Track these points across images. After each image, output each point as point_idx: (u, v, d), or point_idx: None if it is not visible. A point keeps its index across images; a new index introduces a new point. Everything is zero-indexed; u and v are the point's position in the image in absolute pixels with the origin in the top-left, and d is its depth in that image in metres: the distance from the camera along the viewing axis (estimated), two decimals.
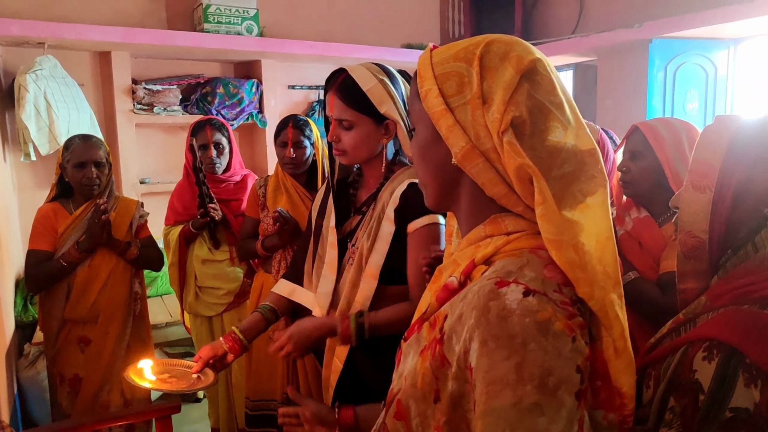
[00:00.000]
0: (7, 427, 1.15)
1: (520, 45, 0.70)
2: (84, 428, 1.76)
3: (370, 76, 1.34)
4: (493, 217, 0.72)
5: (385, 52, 3.99)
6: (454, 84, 0.69)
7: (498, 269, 0.65)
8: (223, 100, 3.61)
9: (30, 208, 2.62)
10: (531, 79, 0.67)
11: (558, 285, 0.63)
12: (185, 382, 1.31)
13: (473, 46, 0.70)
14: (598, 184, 0.67)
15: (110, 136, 3.35)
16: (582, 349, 0.59)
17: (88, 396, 2.15)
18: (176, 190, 2.53)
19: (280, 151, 2.22)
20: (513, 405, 0.56)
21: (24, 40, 2.99)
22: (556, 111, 0.67)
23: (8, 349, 2.54)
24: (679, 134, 1.60)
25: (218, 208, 2.35)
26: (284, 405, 2.16)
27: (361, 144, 1.37)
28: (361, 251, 1.40)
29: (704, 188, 0.84)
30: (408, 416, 0.69)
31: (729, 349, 0.72)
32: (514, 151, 0.64)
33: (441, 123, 0.69)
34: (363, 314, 1.35)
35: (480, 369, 0.59)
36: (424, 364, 0.67)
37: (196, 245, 2.44)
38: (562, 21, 4.11)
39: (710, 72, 3.50)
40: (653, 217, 1.66)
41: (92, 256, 2.13)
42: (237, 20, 3.49)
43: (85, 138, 2.15)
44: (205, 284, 2.44)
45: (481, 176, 0.69)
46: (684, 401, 0.74)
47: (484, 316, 0.60)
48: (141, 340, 2.32)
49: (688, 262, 0.87)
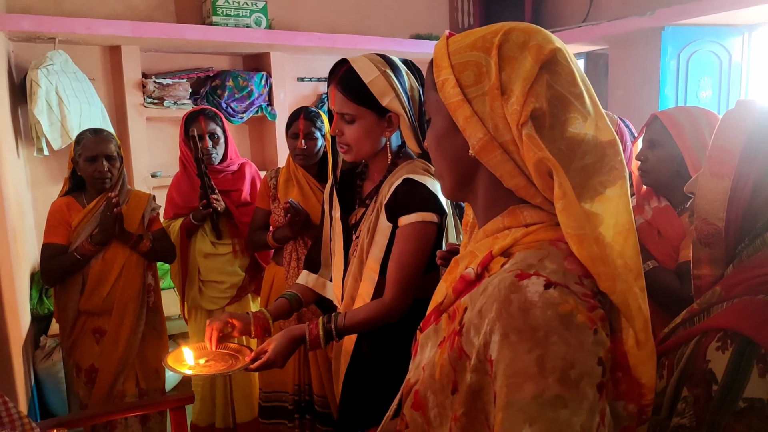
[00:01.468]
0: (24, 417, 1.17)
1: (540, 33, 0.68)
2: (100, 418, 1.79)
3: (372, 68, 1.32)
4: (512, 208, 0.71)
5: (394, 42, 3.97)
6: (471, 74, 0.67)
7: (518, 261, 0.65)
8: (233, 93, 3.61)
9: (44, 202, 2.65)
10: (551, 70, 0.66)
11: (579, 277, 0.62)
12: (223, 363, 1.31)
13: (491, 34, 0.68)
14: (618, 176, 0.66)
15: (121, 130, 3.37)
16: (603, 341, 0.59)
17: (104, 386, 2.18)
18: (174, 183, 2.52)
19: (291, 143, 2.22)
20: (534, 397, 0.55)
21: (35, 36, 3.01)
22: (576, 102, 0.66)
23: (25, 341, 2.58)
24: (699, 122, 1.58)
25: (220, 199, 2.34)
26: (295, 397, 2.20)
27: (363, 138, 1.35)
28: (362, 244, 1.40)
29: (723, 175, 0.83)
30: (426, 407, 0.69)
31: (743, 339, 0.72)
32: (534, 145, 0.63)
33: (458, 114, 0.68)
34: (331, 319, 1.35)
35: (501, 361, 0.58)
36: (443, 356, 0.67)
37: (198, 239, 2.43)
38: (573, 9, 4.06)
39: (724, 59, 3.45)
40: (673, 206, 1.64)
41: (106, 249, 2.15)
42: (246, 13, 3.49)
43: (95, 132, 2.17)
44: (209, 278, 2.44)
45: (498, 168, 0.68)
46: (697, 391, 0.74)
47: (506, 309, 0.60)
48: (155, 331, 2.34)
49: (703, 249, 0.87)
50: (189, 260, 2.44)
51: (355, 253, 1.43)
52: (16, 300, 2.48)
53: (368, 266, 1.38)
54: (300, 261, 2.20)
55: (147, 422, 2.29)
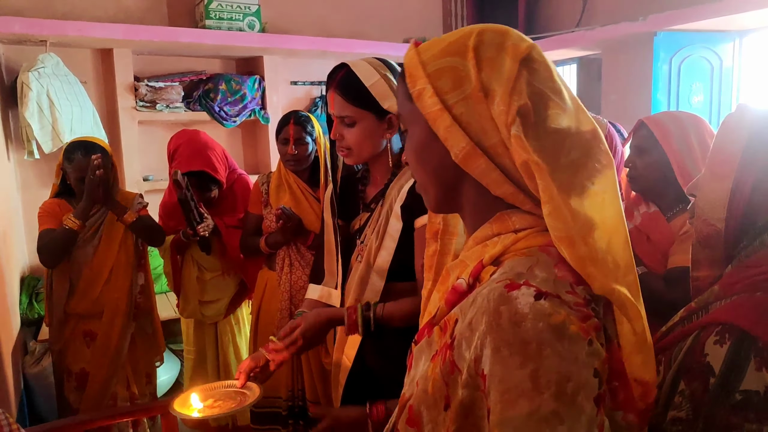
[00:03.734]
0: (14, 423, 1.15)
1: (513, 33, 0.68)
2: (91, 424, 1.77)
3: (373, 72, 1.32)
4: (500, 214, 0.69)
5: (388, 47, 3.97)
6: (449, 80, 0.66)
7: (507, 271, 0.63)
8: (226, 97, 3.60)
9: (33, 205, 2.62)
10: (529, 67, 0.65)
11: (570, 284, 0.61)
12: (232, 401, 1.27)
13: (463, 38, 0.68)
14: (604, 167, 0.66)
15: (113, 134, 3.35)
16: (599, 351, 0.57)
17: (95, 390, 2.16)
18: (163, 206, 2.52)
19: (281, 148, 2.21)
20: (530, 414, 0.54)
21: (26, 38, 2.99)
22: (555, 97, 0.66)
23: (14, 346, 2.55)
24: (686, 127, 1.59)
25: (209, 225, 2.33)
26: (289, 402, 2.19)
27: (364, 140, 1.34)
28: (370, 248, 1.39)
29: (723, 177, 0.83)
30: (420, 423, 0.67)
31: (741, 332, 0.72)
32: (521, 146, 0.62)
33: (438, 123, 0.67)
34: (370, 306, 1.34)
35: (494, 377, 0.56)
36: (435, 370, 0.65)
37: (190, 266, 2.46)
38: (566, 14, 4.08)
39: (716, 65, 3.47)
40: (662, 211, 1.65)
41: (95, 249, 2.13)
42: (239, 16, 3.48)
43: (87, 151, 2.09)
44: (205, 298, 2.47)
45: (484, 177, 0.67)
46: (694, 384, 0.74)
47: (496, 322, 0.58)
48: (147, 334, 2.32)
49: (703, 250, 0.86)
50: (182, 278, 2.47)
51: (360, 258, 1.42)
52: (6, 304, 2.45)
53: (375, 270, 1.37)
54: (293, 266, 2.20)
55: (138, 427, 2.27)
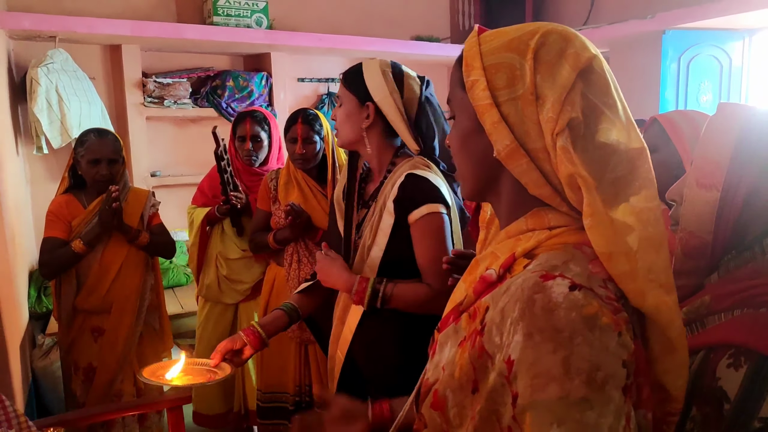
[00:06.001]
0: (22, 416, 1.17)
1: (578, 40, 0.67)
2: (98, 417, 1.78)
3: (376, 67, 1.40)
4: (536, 210, 0.70)
5: (395, 44, 3.96)
6: (504, 77, 0.66)
7: (542, 262, 0.64)
8: (233, 93, 3.61)
9: (42, 200, 2.64)
10: (586, 78, 0.65)
11: (603, 280, 0.62)
12: (201, 376, 1.30)
13: (528, 35, 0.67)
14: (647, 186, 0.65)
15: (121, 130, 3.36)
16: (628, 344, 0.58)
17: (102, 385, 2.17)
18: (209, 174, 2.58)
19: (290, 147, 2.22)
20: (560, 399, 0.55)
21: (35, 34, 3.00)
22: (608, 112, 0.65)
23: (23, 339, 2.57)
24: (698, 126, 1.57)
25: (241, 196, 2.38)
26: (296, 397, 2.19)
27: (345, 121, 1.43)
28: (364, 243, 1.41)
29: (710, 187, 0.80)
30: (445, 406, 0.68)
31: (759, 356, 0.70)
32: (567, 159, 0.62)
33: (486, 117, 0.67)
34: (383, 281, 1.36)
35: (524, 361, 0.58)
36: (464, 355, 0.66)
37: (227, 243, 2.48)
38: (574, 12, 4.07)
39: (725, 63, 3.45)
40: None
41: (105, 247, 2.15)
42: (246, 13, 3.48)
43: (99, 134, 2.15)
44: (231, 276, 2.48)
45: (524, 176, 0.67)
46: (706, 410, 0.72)
47: (529, 309, 0.59)
48: (155, 330, 2.34)
49: (687, 261, 0.84)
50: (207, 252, 2.49)
51: (356, 253, 1.44)
52: (15, 298, 2.47)
53: (368, 266, 1.39)
54: (301, 262, 2.20)
55: (145, 421, 2.28)
